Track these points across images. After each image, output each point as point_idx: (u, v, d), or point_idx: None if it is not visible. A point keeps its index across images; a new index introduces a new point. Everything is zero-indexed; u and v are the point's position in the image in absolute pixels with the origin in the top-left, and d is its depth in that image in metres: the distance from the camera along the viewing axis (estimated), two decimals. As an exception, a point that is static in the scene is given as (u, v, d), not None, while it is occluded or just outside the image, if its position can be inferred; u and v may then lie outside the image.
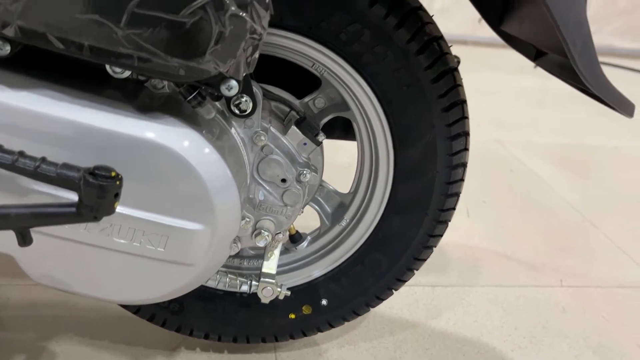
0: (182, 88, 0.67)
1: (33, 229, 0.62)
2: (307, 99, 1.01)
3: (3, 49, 0.63)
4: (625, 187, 2.24)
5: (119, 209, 0.67)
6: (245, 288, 1.00)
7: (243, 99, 0.79)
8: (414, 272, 1.07)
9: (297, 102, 1.01)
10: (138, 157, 0.66)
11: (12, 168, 0.57)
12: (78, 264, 0.73)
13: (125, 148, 0.66)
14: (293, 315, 1.08)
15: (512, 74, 3.76)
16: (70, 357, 1.10)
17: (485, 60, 4.04)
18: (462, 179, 1.00)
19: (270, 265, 0.99)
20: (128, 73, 0.67)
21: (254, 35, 0.61)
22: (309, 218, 1.13)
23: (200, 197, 0.69)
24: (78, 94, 0.66)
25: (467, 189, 1.03)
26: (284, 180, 0.89)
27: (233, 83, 0.66)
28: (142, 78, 0.72)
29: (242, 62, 0.62)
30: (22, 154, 0.58)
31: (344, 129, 1.13)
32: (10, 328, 1.17)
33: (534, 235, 1.78)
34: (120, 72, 0.67)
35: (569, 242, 1.77)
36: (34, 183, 0.64)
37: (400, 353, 1.22)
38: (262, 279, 0.98)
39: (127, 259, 0.71)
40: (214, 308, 1.07)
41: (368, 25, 0.86)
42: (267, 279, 0.98)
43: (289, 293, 1.01)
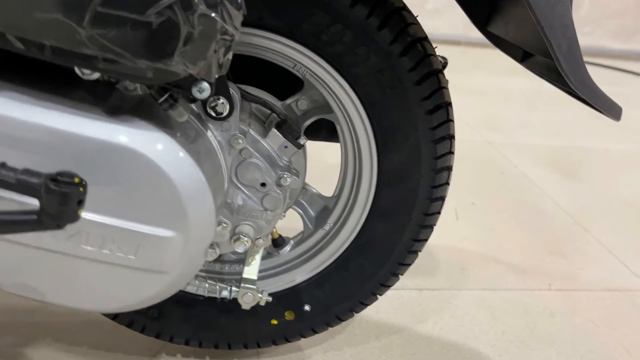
0: (152, 90, 0.65)
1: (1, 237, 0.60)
2: (289, 101, 0.99)
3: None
4: (615, 189, 2.23)
5: (87, 216, 0.65)
6: (226, 294, 0.98)
7: (219, 101, 0.77)
8: (399, 277, 1.05)
9: (279, 104, 0.99)
10: (106, 161, 0.64)
11: (-32, 173, 0.55)
12: (47, 273, 0.71)
13: (93, 152, 0.63)
14: (275, 321, 1.06)
15: (504, 75, 3.74)
16: (48, 363, 1.08)
17: (478, 61, 4.03)
18: (447, 183, 0.98)
19: (251, 271, 0.97)
20: (97, 74, 0.64)
21: (226, 36, 0.59)
22: (295, 220, 1.11)
23: (172, 203, 0.67)
24: (43, 96, 0.64)
25: (456, 191, 1.01)
26: (264, 185, 0.86)
27: (205, 85, 0.64)
28: (113, 79, 0.69)
29: (213, 63, 0.60)
30: (-21, 159, 0.56)
31: (330, 131, 1.11)
32: (-13, 334, 1.14)
33: (524, 238, 1.76)
34: (89, 73, 0.64)
35: (559, 245, 1.75)
36: (-4, 189, 0.61)
37: (386, 358, 1.20)
38: (242, 285, 0.96)
39: (97, 267, 0.69)
40: (195, 314, 1.05)
41: (350, 26, 0.83)
42: (247, 285, 0.96)
43: (270, 299, 0.98)
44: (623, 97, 0.93)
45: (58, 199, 0.52)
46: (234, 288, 0.97)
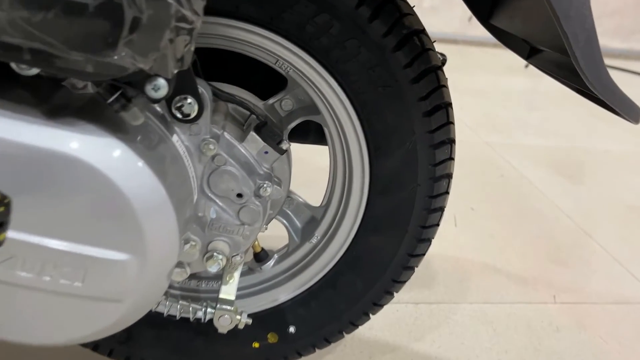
0: (101, 88, 0.55)
1: None
2: (272, 101, 0.89)
3: None
4: (618, 193, 2.15)
5: (20, 237, 0.55)
6: (201, 315, 0.87)
7: (186, 101, 0.67)
8: (393, 295, 0.96)
9: (260, 104, 0.89)
10: (44, 172, 0.54)
11: None
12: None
13: (29, 161, 0.53)
14: (257, 344, 0.96)
15: (502, 74, 3.67)
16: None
17: (476, 60, 3.94)
18: (446, 192, 0.89)
19: (229, 290, 0.87)
20: (36, 69, 0.54)
21: (183, 23, 0.49)
22: (279, 229, 1.01)
23: (125, 220, 0.57)
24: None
25: (454, 195, 0.92)
26: (240, 195, 0.76)
27: (161, 82, 0.54)
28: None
29: (169, 56, 0.50)
30: None
31: (320, 133, 1.01)
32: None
33: (525, 246, 1.67)
34: (27, 67, 0.54)
35: (562, 253, 1.66)
36: None
37: (379, 381, 1.11)
38: (218, 307, 0.86)
39: (39, 297, 0.59)
40: (167, 336, 0.95)
41: (338, 16, 0.74)
42: (224, 306, 0.86)
43: (250, 321, 0.88)
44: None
45: (-28, 222, 0.42)
46: (209, 309, 0.86)
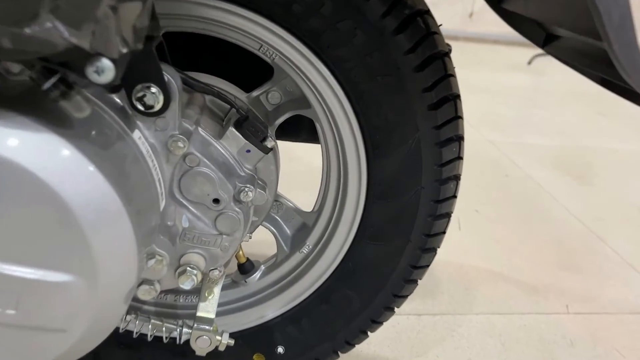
0: (34, 71, 0.44)
1: None
2: (257, 93, 0.79)
3: None
4: (628, 193, 2.05)
5: None
6: (176, 335, 0.77)
7: (149, 91, 0.56)
8: (394, 311, 0.86)
9: (244, 96, 0.79)
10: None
11: None
12: None
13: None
14: (241, 366, 0.86)
15: (504, 71, 3.58)
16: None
17: (476, 57, 3.84)
18: (454, 196, 0.79)
19: (208, 308, 0.77)
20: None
21: (129, -13, 0.38)
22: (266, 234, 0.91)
23: (68, 234, 0.46)
24: None
25: (458, 197, 0.81)
26: (217, 201, 0.66)
27: (105, 64, 0.43)
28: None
29: (112, 29, 0.40)
30: None
31: (314, 130, 0.90)
32: None
33: (534, 251, 1.57)
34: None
35: (574, 259, 1.56)
36: None
37: (379, 403, 1.01)
38: (196, 326, 0.76)
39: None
40: (140, 357, 0.84)
41: (329, -7, 0.63)
42: (202, 326, 0.76)
43: (232, 342, 0.78)
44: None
45: None
46: (186, 329, 0.76)
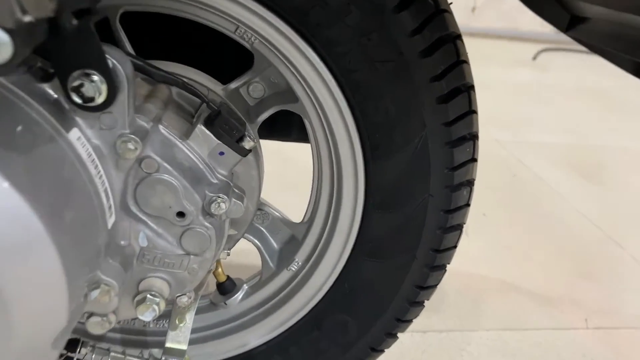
0: None
1: None
2: (235, 85, 0.67)
3: None
4: (645, 194, 1.93)
5: None
6: (142, 370, 0.66)
7: (88, 79, 0.45)
8: (397, 337, 0.74)
9: (219, 88, 0.67)
10: None
11: None
12: None
13: None
14: (221, 402, 0.75)
15: (508, 67, 3.46)
16: None
17: (480, 52, 3.71)
18: (467, 204, 0.67)
19: (179, 337, 0.66)
20: None
21: None
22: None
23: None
24: None
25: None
26: (182, 214, 0.54)
27: (1, 38, 0.32)
28: None
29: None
30: None
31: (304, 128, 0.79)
32: None
33: (547, 258, 1.46)
34: None
35: (590, 266, 1.45)
36: None
37: None
38: (164, 358, 0.64)
39: None
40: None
41: (317, -40, 0.52)
42: (172, 359, 0.64)
43: (208, 378, 0.67)
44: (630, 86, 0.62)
45: None
46: (152, 363, 0.65)
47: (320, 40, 0.56)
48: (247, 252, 0.82)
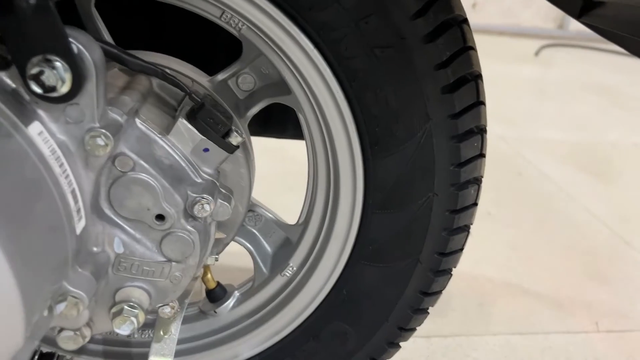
0: None
1: None
2: (223, 76, 0.62)
3: None
4: (656, 193, 1.88)
5: None
6: (124, 386, 0.61)
7: (49, 66, 0.40)
8: (399, 346, 0.70)
9: (205, 80, 0.62)
10: None
11: None
12: None
13: None
14: (211, 417, 0.70)
15: (511, 63, 3.40)
16: None
17: (481, 48, 3.65)
18: (474, 204, 0.62)
19: (163, 350, 0.61)
20: None
21: None
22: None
23: None
24: None
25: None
26: (162, 217, 0.49)
27: None
28: None
29: None
30: None
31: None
32: None
33: (555, 259, 1.41)
34: None
35: (600, 267, 1.40)
36: None
37: None
38: (147, 374, 0.59)
39: None
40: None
41: None
42: (156, 373, 0.59)
43: (196, 393, 0.62)
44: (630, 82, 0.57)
45: None
46: (134, 379, 0.60)
47: (314, 25, 0.51)
48: (238, 255, 0.78)
